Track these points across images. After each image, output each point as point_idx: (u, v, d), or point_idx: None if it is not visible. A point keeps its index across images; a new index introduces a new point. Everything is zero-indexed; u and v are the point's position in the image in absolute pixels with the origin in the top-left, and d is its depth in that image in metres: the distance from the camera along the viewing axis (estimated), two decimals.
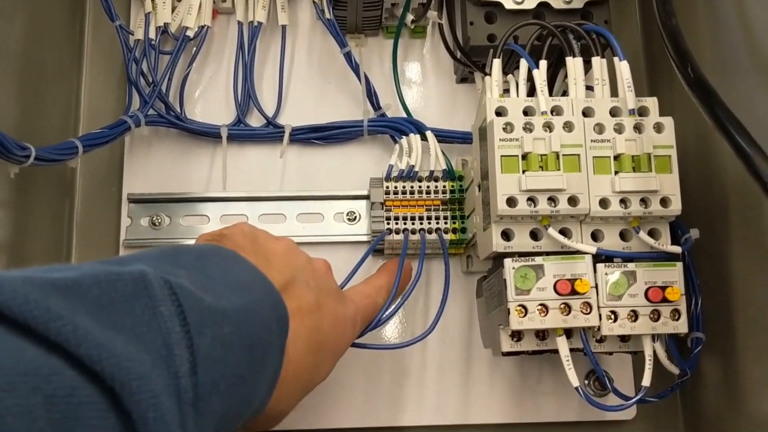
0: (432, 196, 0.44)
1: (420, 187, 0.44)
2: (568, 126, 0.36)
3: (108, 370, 0.19)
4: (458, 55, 0.46)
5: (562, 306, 0.35)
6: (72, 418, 0.18)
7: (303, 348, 0.30)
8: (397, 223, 0.43)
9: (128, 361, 0.20)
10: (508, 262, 0.35)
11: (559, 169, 0.35)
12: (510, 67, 0.43)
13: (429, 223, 0.44)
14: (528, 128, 0.36)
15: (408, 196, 0.44)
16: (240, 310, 0.25)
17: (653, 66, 0.50)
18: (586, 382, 0.44)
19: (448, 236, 0.43)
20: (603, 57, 0.39)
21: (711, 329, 0.41)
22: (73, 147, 0.40)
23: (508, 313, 0.35)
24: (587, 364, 0.43)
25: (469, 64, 0.45)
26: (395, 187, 0.44)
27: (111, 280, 0.21)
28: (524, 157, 0.35)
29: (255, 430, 0.31)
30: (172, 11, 0.46)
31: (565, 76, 0.39)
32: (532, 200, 0.35)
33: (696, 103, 0.29)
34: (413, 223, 0.44)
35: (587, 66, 0.39)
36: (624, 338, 0.37)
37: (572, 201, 0.35)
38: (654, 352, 0.36)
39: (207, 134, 0.46)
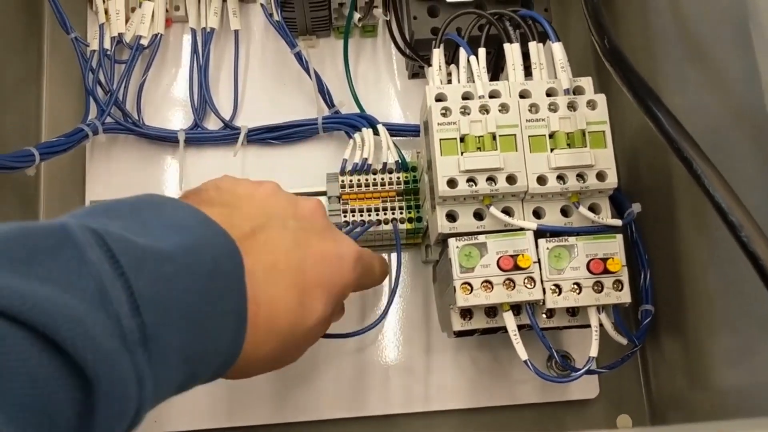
0: (387, 187, 0.45)
1: (375, 179, 0.45)
2: (504, 108, 0.37)
3: (34, 317, 0.18)
4: (406, 50, 0.47)
5: (506, 281, 0.36)
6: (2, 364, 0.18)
7: (277, 290, 0.28)
8: (353, 216, 0.44)
9: (55, 307, 0.19)
10: (452, 241, 0.36)
11: (495, 149, 0.36)
12: (457, 58, 0.44)
13: (385, 214, 0.44)
14: (465, 112, 0.37)
15: (363, 188, 0.45)
16: (180, 249, 0.24)
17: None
18: (548, 364, 0.45)
19: (404, 226, 0.44)
20: (541, 42, 0.40)
21: (668, 307, 0.42)
22: (30, 155, 0.41)
23: (455, 291, 0.36)
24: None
25: (416, 58, 0.46)
26: (350, 181, 0.45)
27: (29, 234, 0.21)
28: (462, 139, 0.36)
29: (242, 376, 0.29)
30: (126, 21, 0.47)
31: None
32: (472, 180, 0.36)
33: (610, 70, 0.30)
34: (369, 215, 0.44)
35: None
36: (573, 312, 0.37)
37: (510, 179, 0.36)
38: (600, 324, 0.36)
39: (165, 139, 0.47)
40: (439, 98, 0.38)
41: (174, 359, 0.23)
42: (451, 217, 0.37)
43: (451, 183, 0.36)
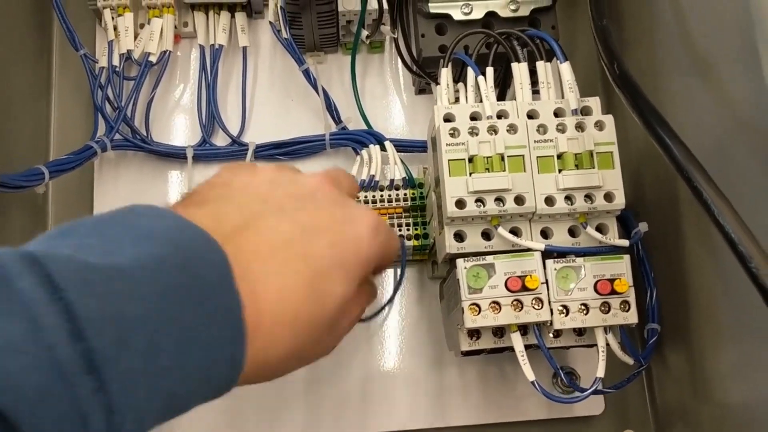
0: (394, 203, 0.45)
1: (382, 195, 0.45)
2: (512, 128, 0.37)
3: None
4: (414, 67, 0.47)
5: (514, 302, 0.36)
6: None
7: (283, 280, 0.25)
8: None
9: None
10: (460, 262, 0.36)
11: (504, 170, 0.36)
12: (464, 76, 0.44)
13: None
14: (473, 132, 0.37)
15: (370, 205, 0.45)
16: (138, 263, 0.22)
17: None
18: (554, 380, 0.45)
19: (411, 242, 0.44)
20: (548, 61, 0.40)
21: (673, 322, 0.42)
22: (39, 173, 0.41)
23: (463, 312, 0.36)
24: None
25: (423, 75, 0.47)
26: (357, 197, 0.45)
27: None
28: (471, 160, 0.37)
29: (266, 379, 0.27)
30: (135, 38, 0.48)
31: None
32: (480, 201, 0.36)
33: (620, 96, 0.30)
34: None
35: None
36: (579, 332, 0.38)
37: (519, 200, 0.36)
38: (607, 343, 0.37)
39: (173, 155, 0.48)
40: (448, 118, 0.38)
41: (145, 383, 0.20)
42: (459, 236, 0.37)
43: (460, 203, 0.36)
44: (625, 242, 0.37)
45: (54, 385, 0.18)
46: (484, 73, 0.39)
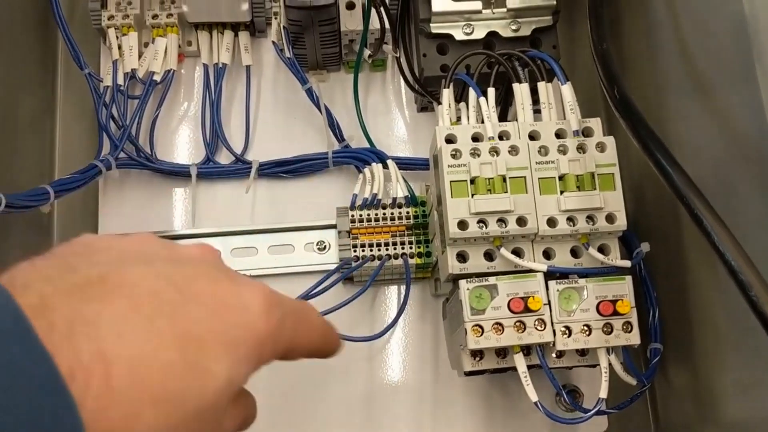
0: (396, 222, 0.45)
1: (384, 214, 0.45)
2: (514, 150, 0.37)
3: None
4: (416, 86, 0.47)
5: (517, 323, 0.36)
6: None
7: (145, 340, 0.20)
8: (363, 250, 0.45)
9: None
10: (462, 283, 0.36)
11: (506, 192, 0.36)
12: (466, 95, 0.44)
13: (395, 249, 0.45)
14: (475, 153, 0.37)
15: (373, 223, 0.45)
16: None
17: None
18: (557, 398, 0.45)
19: (414, 260, 0.45)
20: (549, 81, 0.40)
21: (675, 341, 0.43)
22: (45, 193, 0.42)
23: (465, 332, 0.36)
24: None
25: (425, 94, 0.47)
26: (360, 216, 0.45)
27: None
28: (473, 181, 0.37)
29: None
30: (140, 57, 0.48)
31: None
32: (482, 222, 0.36)
33: (620, 120, 0.30)
34: (379, 250, 0.45)
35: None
36: (582, 352, 0.38)
37: (521, 221, 0.36)
38: (610, 364, 0.37)
39: (177, 174, 0.48)
40: (449, 139, 0.38)
41: None
42: (462, 257, 0.38)
43: (462, 225, 0.36)
44: (627, 263, 0.37)
45: None
46: (485, 93, 0.40)
